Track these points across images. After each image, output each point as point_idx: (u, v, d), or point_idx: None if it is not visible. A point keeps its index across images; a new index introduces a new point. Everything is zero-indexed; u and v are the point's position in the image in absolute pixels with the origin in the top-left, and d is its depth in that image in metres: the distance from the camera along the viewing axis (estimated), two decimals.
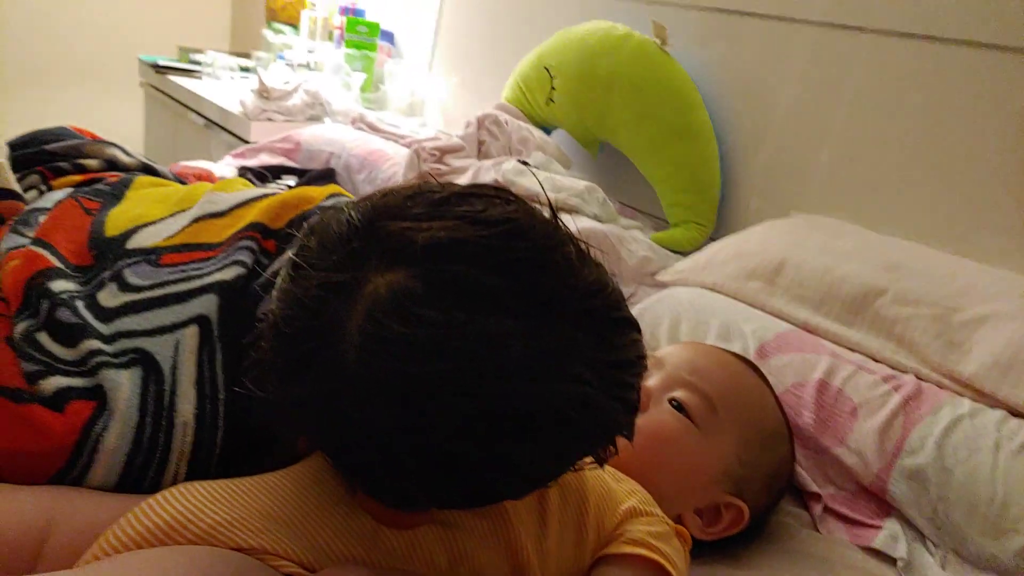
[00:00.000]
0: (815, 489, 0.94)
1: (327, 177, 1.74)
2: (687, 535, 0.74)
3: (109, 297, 0.70)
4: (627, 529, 0.69)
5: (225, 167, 1.76)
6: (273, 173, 1.69)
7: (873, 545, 0.87)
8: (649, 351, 1.13)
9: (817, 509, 0.93)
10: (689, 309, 1.17)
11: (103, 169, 1.00)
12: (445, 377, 0.45)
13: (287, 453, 0.64)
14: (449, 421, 0.46)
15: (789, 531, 0.89)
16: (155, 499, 0.56)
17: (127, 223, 0.80)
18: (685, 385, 0.83)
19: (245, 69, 2.76)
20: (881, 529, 0.89)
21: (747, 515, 0.81)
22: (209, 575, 0.50)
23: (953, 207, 1.30)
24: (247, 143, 2.11)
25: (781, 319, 1.14)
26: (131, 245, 0.76)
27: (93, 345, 0.65)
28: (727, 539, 0.82)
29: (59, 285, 0.70)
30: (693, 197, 1.63)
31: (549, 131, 1.98)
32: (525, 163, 1.72)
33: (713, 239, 1.61)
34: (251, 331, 0.67)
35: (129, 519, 0.55)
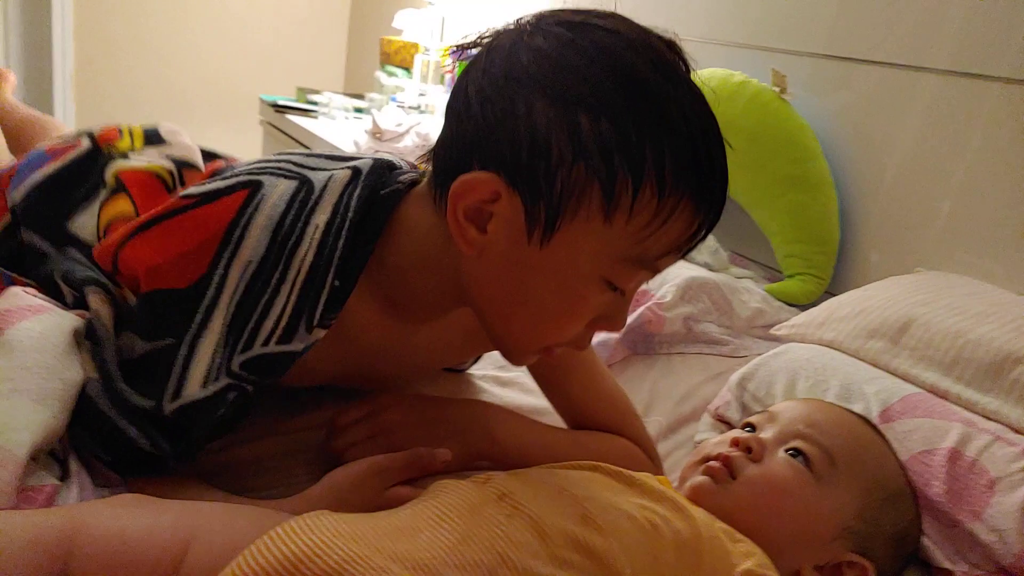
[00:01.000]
0: (947, 565, 0.87)
1: None
2: None
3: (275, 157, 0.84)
4: None
5: None
6: None
7: None
8: (762, 407, 1.09)
9: None
10: (807, 367, 1.13)
11: None
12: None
13: None
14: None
15: None
16: (284, 529, 0.57)
17: None
18: (801, 436, 0.80)
19: (359, 110, 2.84)
20: None
21: None
22: None
23: None
24: None
25: (906, 381, 1.08)
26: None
27: (255, 163, 0.80)
28: None
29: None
30: (809, 248, 1.59)
31: None
32: None
33: (830, 292, 1.55)
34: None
35: (260, 547, 0.55)
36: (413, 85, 2.79)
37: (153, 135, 1.09)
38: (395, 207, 0.76)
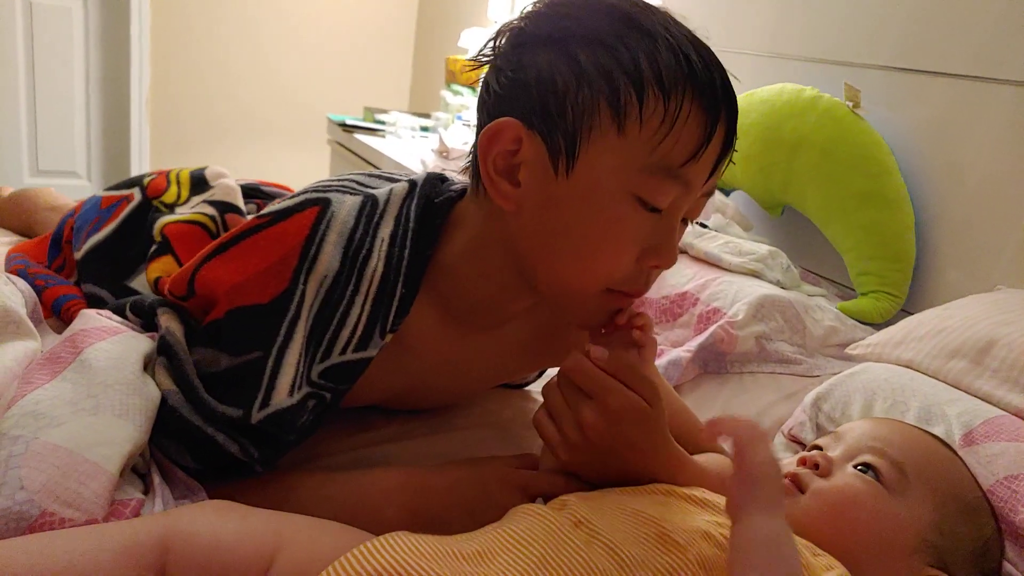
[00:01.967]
0: None
1: None
2: None
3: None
4: None
5: None
6: None
7: None
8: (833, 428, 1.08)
9: None
10: (884, 387, 1.11)
11: None
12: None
13: None
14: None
15: None
16: (368, 547, 0.58)
17: None
18: (870, 451, 0.78)
19: (425, 129, 2.88)
20: None
21: None
22: None
23: None
24: None
25: (989, 403, 1.06)
26: None
27: (319, 184, 0.84)
28: None
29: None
30: (884, 265, 1.56)
31: (728, 192, 1.95)
32: (704, 225, 1.70)
33: (905, 311, 1.52)
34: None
35: (344, 564, 0.57)
36: None
37: (199, 180, 1.15)
38: (448, 213, 0.81)
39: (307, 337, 0.75)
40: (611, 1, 0.72)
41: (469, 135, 2.51)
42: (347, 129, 2.84)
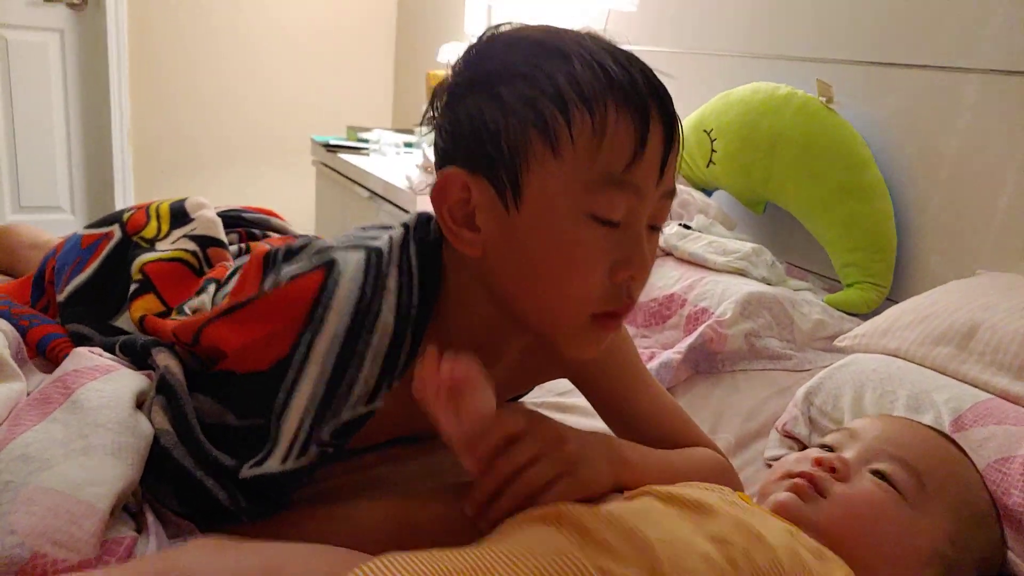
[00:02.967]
0: None
1: None
2: None
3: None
4: None
5: None
6: None
7: None
8: (835, 423, 1.08)
9: None
10: (873, 377, 1.12)
11: None
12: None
13: None
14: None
15: None
16: (363, 569, 0.58)
17: None
18: (888, 457, 0.78)
19: (408, 144, 2.89)
20: None
21: None
22: None
23: None
24: None
25: (976, 387, 1.07)
26: None
27: (323, 243, 0.84)
28: None
29: (284, 248, 0.86)
30: (867, 256, 1.57)
31: (710, 193, 1.96)
32: (687, 227, 1.71)
33: (891, 300, 1.54)
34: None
35: None
36: None
37: (179, 212, 1.14)
38: (440, 257, 0.81)
39: (319, 399, 0.74)
40: (525, 34, 0.74)
41: None
42: (331, 149, 2.85)
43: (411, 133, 2.97)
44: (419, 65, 3.69)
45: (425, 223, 0.84)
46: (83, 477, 0.67)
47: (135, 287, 1.03)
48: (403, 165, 2.54)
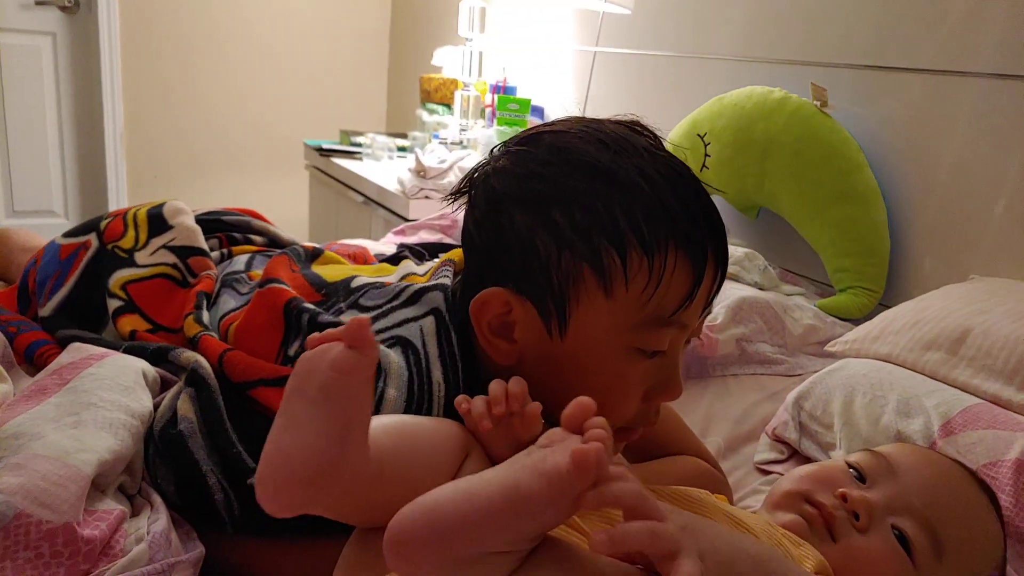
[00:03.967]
0: None
1: None
2: None
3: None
4: None
5: (385, 245, 1.83)
6: (430, 251, 1.75)
7: None
8: (825, 428, 1.08)
9: None
10: (864, 382, 1.11)
11: (265, 244, 1.22)
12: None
13: None
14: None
15: None
16: None
17: (343, 274, 0.95)
18: (917, 518, 0.72)
19: (402, 148, 2.89)
20: None
21: None
22: None
23: None
24: (407, 220, 2.20)
25: (966, 392, 1.07)
26: (355, 284, 0.91)
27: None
28: None
29: (308, 306, 0.85)
30: (860, 261, 1.57)
31: None
32: None
33: (884, 304, 1.54)
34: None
35: None
36: (454, 121, 2.83)
37: (156, 219, 1.11)
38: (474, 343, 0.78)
39: None
40: (579, 149, 0.70)
41: (446, 153, 2.52)
42: (324, 153, 2.85)
43: (404, 137, 2.97)
44: (413, 69, 3.69)
45: (454, 308, 0.81)
46: (72, 445, 0.69)
47: (119, 305, 1.01)
48: (396, 169, 2.53)
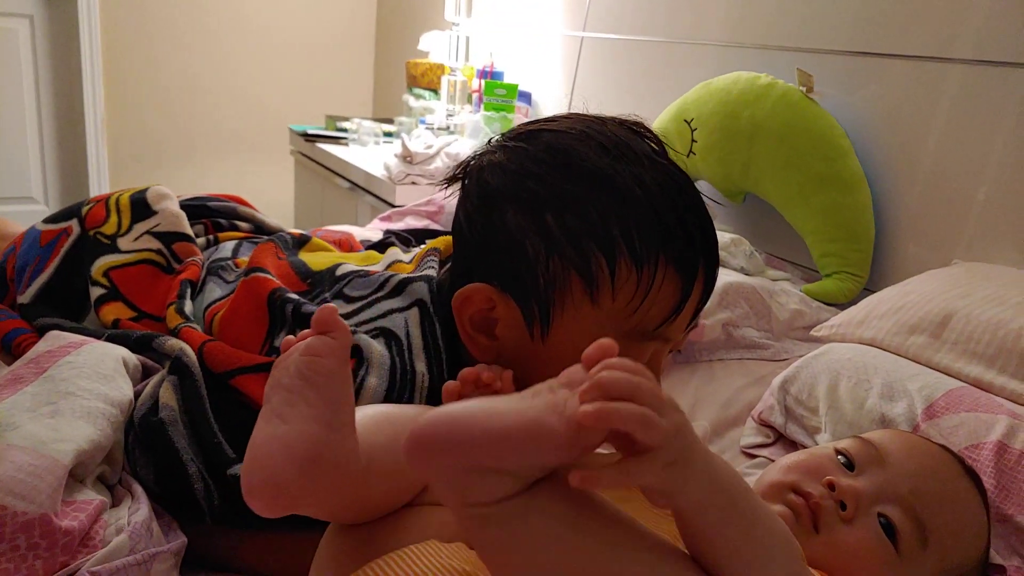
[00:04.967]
0: (999, 561, 0.87)
1: None
2: None
3: (339, 307, 0.82)
4: None
5: (371, 231, 1.82)
6: (417, 237, 1.74)
7: None
8: (811, 412, 1.09)
9: None
10: (848, 367, 1.12)
11: (251, 231, 1.21)
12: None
13: None
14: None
15: None
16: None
17: (329, 261, 0.95)
18: (903, 506, 0.72)
19: (388, 134, 2.88)
20: None
21: None
22: None
23: None
24: (393, 206, 2.19)
25: (949, 376, 1.08)
26: (340, 272, 0.91)
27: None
28: None
29: (292, 296, 0.85)
30: (845, 246, 1.58)
31: None
32: None
33: (869, 289, 1.55)
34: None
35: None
36: (441, 106, 2.82)
37: (139, 204, 1.08)
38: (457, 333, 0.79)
39: None
40: (578, 152, 0.69)
41: (432, 138, 2.51)
42: (309, 139, 2.83)
43: (391, 122, 2.96)
44: (399, 54, 3.67)
45: (439, 298, 0.81)
46: (49, 435, 0.68)
47: (102, 292, 0.99)
48: (382, 154, 2.52)
